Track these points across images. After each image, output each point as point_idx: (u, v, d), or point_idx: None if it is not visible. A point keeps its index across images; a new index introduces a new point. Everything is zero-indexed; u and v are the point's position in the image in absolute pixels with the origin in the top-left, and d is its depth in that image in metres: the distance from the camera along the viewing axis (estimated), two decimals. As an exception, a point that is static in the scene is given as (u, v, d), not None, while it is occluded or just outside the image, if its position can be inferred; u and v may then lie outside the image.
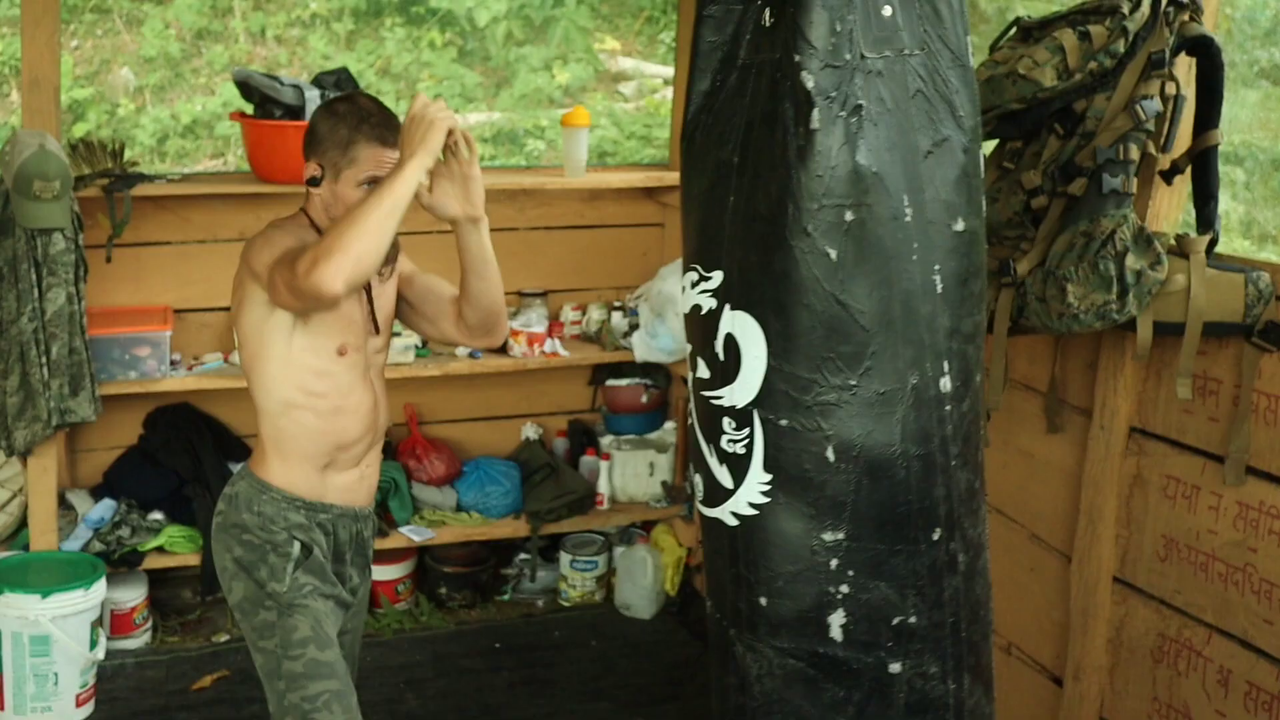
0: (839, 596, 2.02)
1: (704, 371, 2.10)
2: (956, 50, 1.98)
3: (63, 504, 3.81)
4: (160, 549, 3.81)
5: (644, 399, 4.42)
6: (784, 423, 1.99)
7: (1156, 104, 2.46)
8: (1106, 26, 2.48)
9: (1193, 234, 2.51)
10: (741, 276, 2.01)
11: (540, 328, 4.16)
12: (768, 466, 2.02)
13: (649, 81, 6.94)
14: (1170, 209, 2.64)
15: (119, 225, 3.60)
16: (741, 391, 2.02)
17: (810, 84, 1.90)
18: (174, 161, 6.23)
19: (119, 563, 3.73)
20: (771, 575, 2.04)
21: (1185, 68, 2.52)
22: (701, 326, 2.09)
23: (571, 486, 4.25)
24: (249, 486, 2.51)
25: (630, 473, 4.35)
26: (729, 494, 2.08)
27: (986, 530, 2.17)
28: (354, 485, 2.58)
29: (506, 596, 4.33)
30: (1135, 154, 2.48)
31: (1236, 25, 5.07)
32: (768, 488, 2.03)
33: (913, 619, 2.04)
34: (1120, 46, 2.47)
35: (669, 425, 4.43)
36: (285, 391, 2.48)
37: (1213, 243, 2.48)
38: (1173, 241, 2.51)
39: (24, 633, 3.35)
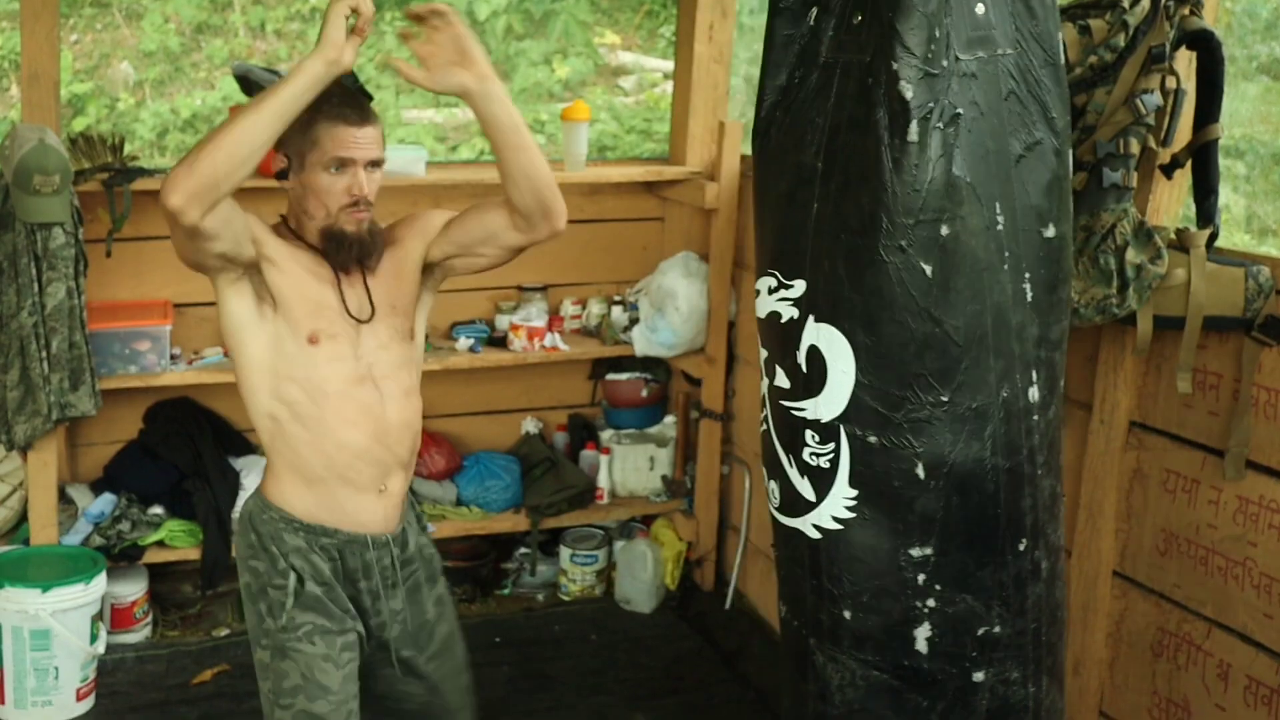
0: (925, 610, 1.97)
1: (783, 381, 2.02)
2: (1049, 48, 1.90)
3: (63, 498, 3.81)
4: (160, 543, 3.81)
5: (644, 393, 4.42)
6: (872, 439, 1.92)
7: (1157, 98, 2.46)
8: (1106, 20, 2.48)
9: (1193, 228, 2.51)
10: (827, 289, 1.93)
11: (540, 322, 4.16)
12: (854, 482, 1.95)
13: (649, 76, 6.92)
14: (1170, 203, 2.64)
15: (119, 219, 3.59)
16: (827, 406, 1.95)
17: (909, 94, 1.81)
18: (174, 156, 6.22)
19: (119, 557, 3.73)
20: (857, 590, 1.98)
21: (1185, 62, 2.51)
22: (781, 335, 2.01)
23: (571, 481, 4.25)
24: (255, 503, 2.41)
25: (630, 467, 4.35)
26: (811, 506, 2.01)
27: (1064, 530, 2.13)
28: (368, 508, 2.39)
29: (507, 591, 4.33)
30: (1135, 148, 2.48)
31: (1237, 19, 5.06)
32: (853, 503, 1.96)
33: (997, 629, 1.99)
34: (1120, 40, 2.47)
35: (669, 419, 4.43)
36: (266, 402, 2.35)
37: (1213, 237, 2.48)
38: (1173, 236, 2.51)
39: (24, 627, 3.36)
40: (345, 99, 2.33)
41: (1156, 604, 2.66)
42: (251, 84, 3.68)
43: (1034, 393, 1.95)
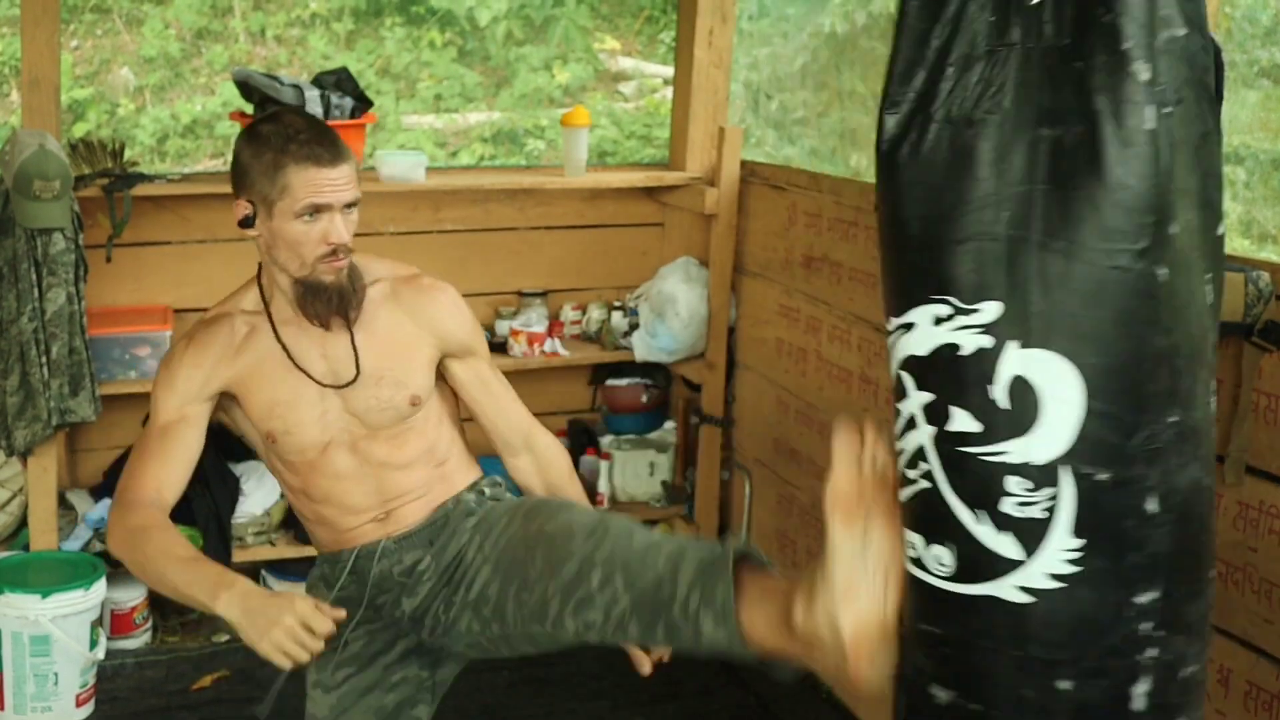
0: (1148, 663, 1.74)
1: (970, 425, 1.74)
2: (1203, 28, 1.71)
3: (63, 504, 3.81)
4: (160, 549, 3.80)
5: (644, 399, 4.42)
6: (1103, 477, 1.68)
7: (1156, 103, 2.46)
8: (1106, 26, 2.47)
9: (1193, 233, 2.50)
10: (1040, 308, 1.68)
11: (540, 327, 4.16)
12: (1079, 530, 1.70)
13: (649, 81, 6.94)
14: (1170, 208, 2.63)
15: (119, 225, 3.60)
16: (1042, 445, 1.70)
17: (1145, 76, 1.61)
18: (174, 161, 6.23)
19: (119, 563, 3.71)
20: (1080, 654, 1.74)
21: (1185, 67, 2.51)
22: (963, 371, 1.74)
23: (571, 486, 4.24)
24: None
25: (630, 472, 4.35)
26: (1014, 565, 1.74)
27: None
28: (366, 532, 2.36)
29: (506, 596, 4.33)
30: (1135, 154, 2.47)
31: (1237, 25, 5.08)
32: (1078, 555, 1.71)
33: (1193, 668, 1.79)
34: (1120, 46, 2.46)
35: (669, 425, 4.43)
36: (261, 451, 2.46)
37: (1213, 242, 2.48)
38: (1173, 241, 2.50)
39: (24, 632, 3.35)
40: (314, 134, 2.13)
41: (1157, 609, 2.65)
42: (252, 89, 3.69)
43: (1213, 403, 1.79)
